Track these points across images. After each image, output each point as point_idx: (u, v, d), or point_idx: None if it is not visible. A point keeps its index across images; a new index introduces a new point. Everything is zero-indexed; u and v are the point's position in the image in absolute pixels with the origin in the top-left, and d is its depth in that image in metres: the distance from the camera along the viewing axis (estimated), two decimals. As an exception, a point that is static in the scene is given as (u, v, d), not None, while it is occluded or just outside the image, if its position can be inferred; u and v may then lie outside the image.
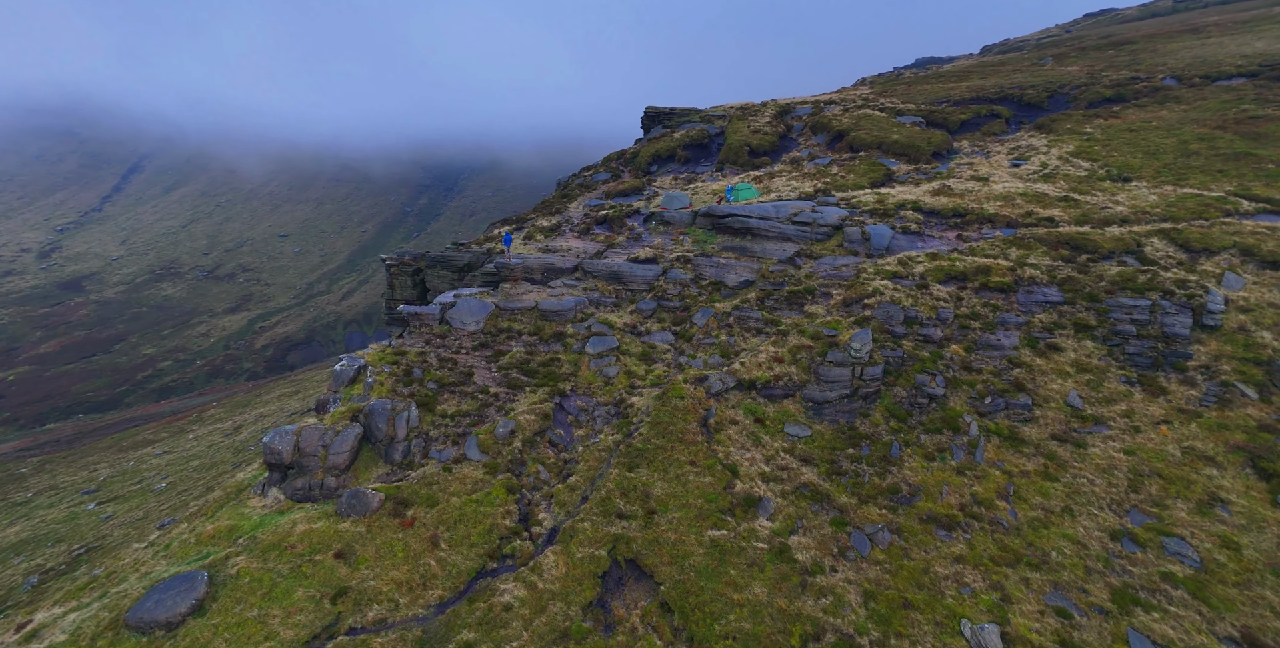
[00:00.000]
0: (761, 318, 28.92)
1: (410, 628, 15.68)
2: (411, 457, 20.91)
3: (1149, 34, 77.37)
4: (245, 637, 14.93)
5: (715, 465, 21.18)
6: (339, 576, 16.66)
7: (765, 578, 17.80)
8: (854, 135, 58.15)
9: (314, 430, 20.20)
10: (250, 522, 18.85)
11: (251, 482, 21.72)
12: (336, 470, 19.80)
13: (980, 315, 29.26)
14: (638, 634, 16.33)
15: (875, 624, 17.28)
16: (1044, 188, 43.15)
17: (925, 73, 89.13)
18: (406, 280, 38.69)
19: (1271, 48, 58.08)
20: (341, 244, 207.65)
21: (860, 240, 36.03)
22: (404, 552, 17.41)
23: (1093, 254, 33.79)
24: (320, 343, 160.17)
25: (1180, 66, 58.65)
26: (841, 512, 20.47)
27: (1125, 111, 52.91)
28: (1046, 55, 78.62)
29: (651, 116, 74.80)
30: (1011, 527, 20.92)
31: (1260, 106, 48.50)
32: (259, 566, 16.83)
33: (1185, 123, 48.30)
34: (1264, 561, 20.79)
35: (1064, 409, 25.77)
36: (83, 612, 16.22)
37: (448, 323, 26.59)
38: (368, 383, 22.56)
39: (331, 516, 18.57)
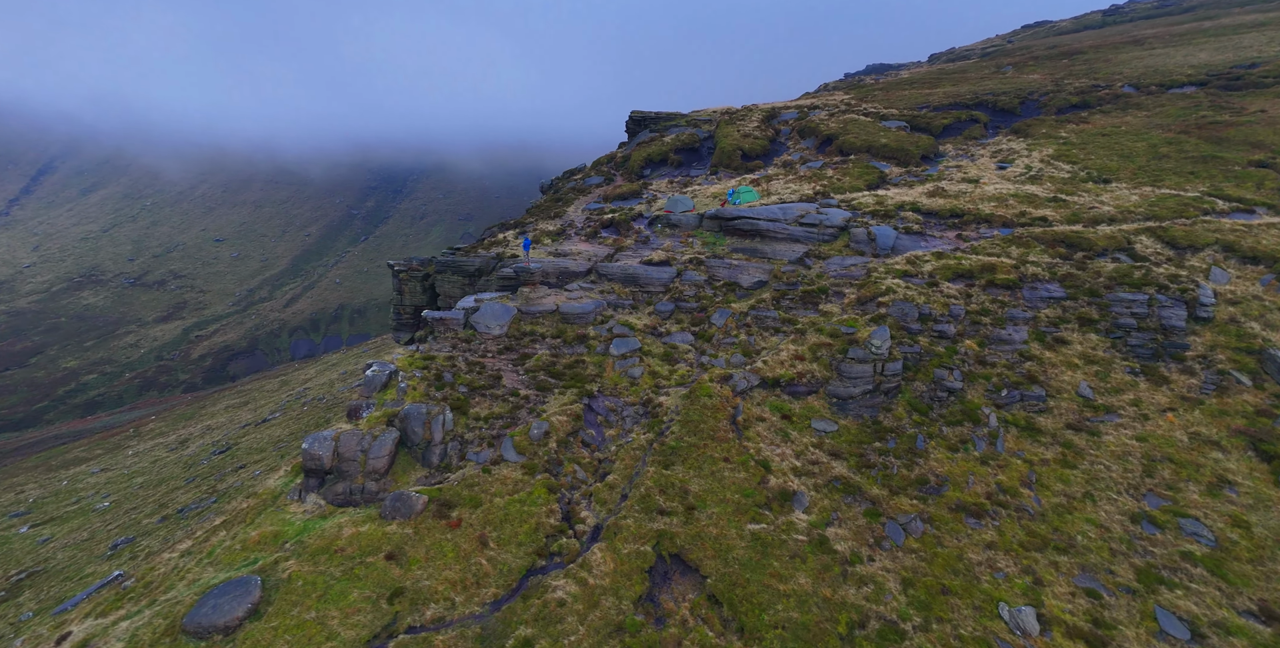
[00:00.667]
0: (779, 317, 29.58)
1: (469, 625, 15.93)
2: (448, 459, 21.14)
3: (1095, 45, 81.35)
4: (306, 638, 15.08)
5: (748, 462, 21.68)
6: (392, 576, 16.85)
7: (808, 569, 18.30)
8: (843, 139, 59.48)
9: (352, 436, 20.37)
10: (294, 527, 18.95)
11: (285, 488, 21.78)
12: (376, 475, 19.98)
13: (990, 311, 30.20)
14: (689, 626, 16.72)
15: (916, 610, 17.84)
16: (1033, 189, 44.71)
17: (898, 79, 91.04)
18: (416, 286, 38.84)
19: (1214, 59, 61.79)
20: (283, 249, 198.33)
21: (866, 241, 36.93)
22: (454, 552, 17.65)
23: (1088, 252, 35.06)
24: (264, 352, 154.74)
25: (1135, 75, 61.98)
26: (874, 503, 21.07)
27: (1093, 117, 55.40)
28: (1006, 64, 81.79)
29: (637, 121, 75.53)
30: (1037, 513, 21.66)
31: (1217, 112, 51.39)
32: (310, 569, 16.97)
33: (1151, 128, 50.86)
34: (1273, 538, 21.74)
35: (1076, 399, 26.68)
36: (134, 620, 16.24)
37: (472, 327, 26.87)
38: (400, 388, 22.76)
39: (376, 519, 18.74)
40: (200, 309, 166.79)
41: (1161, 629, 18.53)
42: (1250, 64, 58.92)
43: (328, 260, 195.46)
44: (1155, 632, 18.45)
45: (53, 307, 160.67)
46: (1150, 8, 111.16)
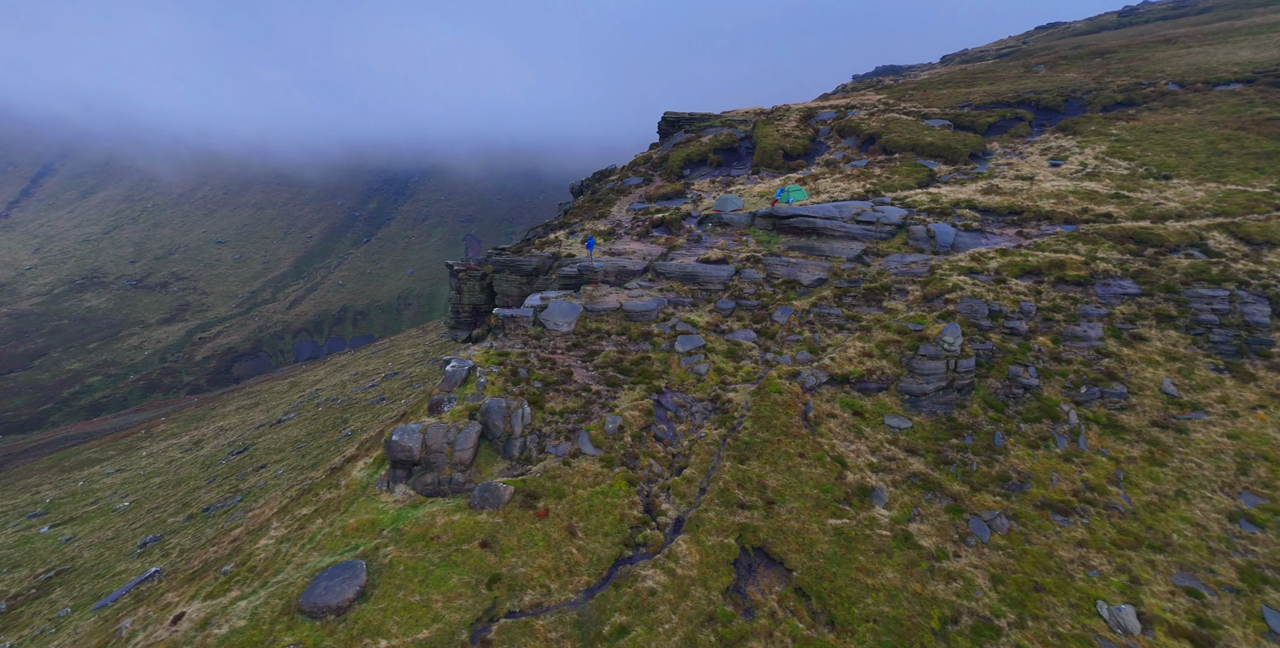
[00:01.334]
0: (842, 314, 29.46)
1: (565, 611, 16.36)
2: (528, 452, 21.71)
3: (1124, 44, 79.21)
4: (414, 619, 15.73)
5: (824, 457, 21.68)
6: (489, 563, 17.42)
7: (894, 564, 18.22)
8: (887, 138, 58.86)
9: (438, 428, 21.12)
10: (388, 516, 19.74)
11: (371, 479, 22.66)
12: (462, 466, 20.66)
13: (1062, 308, 29.52)
14: (778, 618, 16.83)
15: (1009, 607, 17.58)
16: (1092, 186, 43.68)
17: (923, 79, 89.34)
18: (474, 285, 39.94)
19: (1258, 56, 60.25)
20: (286, 251, 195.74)
21: (925, 238, 36.48)
22: (544, 541, 18.14)
23: (1159, 248, 34.03)
24: (267, 354, 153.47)
25: (1178, 73, 60.63)
26: (955, 499, 20.82)
27: (1141, 114, 54.26)
28: (1037, 63, 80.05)
29: (671, 122, 75.81)
30: (1127, 511, 21.08)
31: (1273, 109, 49.62)
32: (410, 555, 17.67)
33: (1205, 125, 49.65)
34: None
35: (1160, 397, 25.87)
36: (251, 600, 17.16)
37: (541, 324, 27.53)
38: (480, 383, 23.49)
39: (465, 508, 19.38)
40: (203, 311, 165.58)
41: (1270, 629, 17.85)
42: None
43: (330, 262, 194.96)
44: (1264, 632, 17.79)
45: (55, 309, 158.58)
46: (1166, 8, 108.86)
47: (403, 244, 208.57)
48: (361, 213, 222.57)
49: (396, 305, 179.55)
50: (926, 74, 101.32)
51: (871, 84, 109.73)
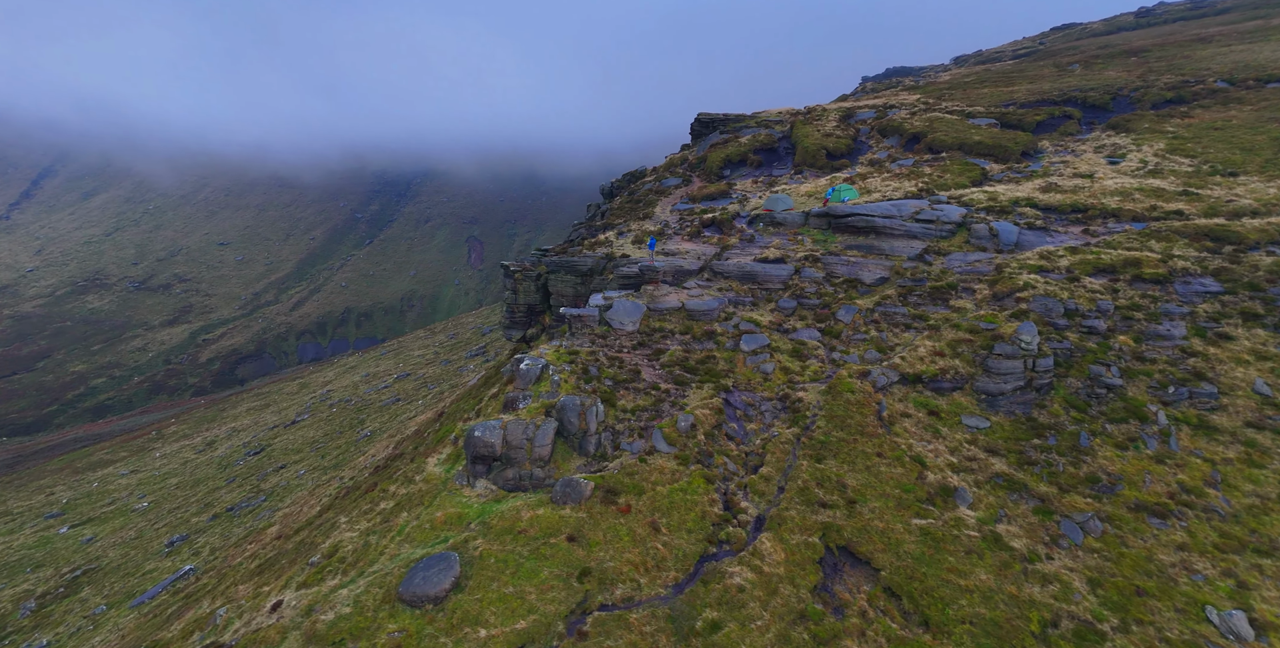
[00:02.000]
0: (908, 313, 28.97)
1: (657, 606, 16.45)
2: (603, 449, 21.93)
3: (1158, 43, 76.89)
4: (510, 610, 16.02)
5: (902, 457, 21.33)
6: (577, 557, 17.64)
7: (986, 565, 17.79)
8: (932, 137, 57.70)
9: (517, 425, 21.51)
10: (473, 509, 20.17)
11: (448, 474, 23.18)
12: (541, 462, 20.98)
13: (1141, 306, 28.45)
14: (869, 617, 16.59)
15: (1111, 611, 16.97)
16: (1157, 183, 42.22)
17: (948, 81, 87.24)
18: (530, 285, 40.55)
19: None
20: (288, 252, 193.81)
21: (988, 237, 35.64)
22: (629, 536, 18.28)
23: (1238, 245, 32.62)
24: (271, 355, 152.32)
25: (1225, 70, 59.06)
26: (1043, 501, 20.22)
27: (1195, 112, 52.66)
28: (1070, 62, 78.24)
29: (705, 123, 75.46)
30: (1228, 514, 20.15)
31: None
32: (499, 548, 18.01)
33: (1264, 121, 48.13)
34: None
35: (1253, 397, 24.69)
36: (351, 588, 17.73)
37: (607, 323, 27.81)
38: (554, 381, 23.84)
39: (548, 503, 19.67)
40: (207, 313, 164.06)
41: (1396, 644, 16.82)
42: None
43: (333, 264, 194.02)
44: (1388, 645, 16.77)
45: (58, 311, 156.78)
46: (1184, 8, 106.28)
47: (405, 246, 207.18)
48: (364, 215, 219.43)
49: (400, 307, 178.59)
50: (948, 75, 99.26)
51: (891, 84, 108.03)
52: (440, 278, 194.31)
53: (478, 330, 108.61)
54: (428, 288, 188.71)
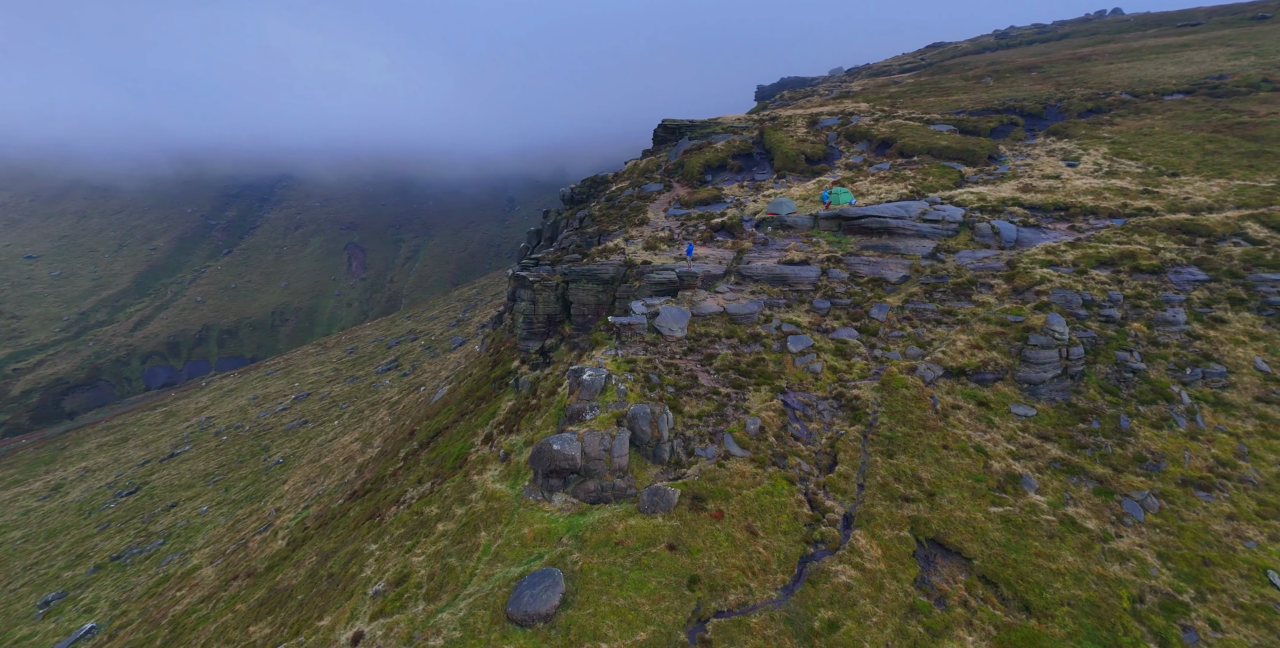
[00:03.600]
0: (937, 309, 29.79)
1: (771, 609, 16.41)
2: (676, 456, 21.76)
3: (1044, 61, 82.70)
4: (626, 622, 15.72)
5: (965, 447, 21.91)
6: (681, 565, 17.44)
7: (1069, 547, 18.43)
8: (902, 142, 59.24)
9: (593, 436, 21.13)
10: (560, 524, 19.69)
11: (514, 490, 22.59)
12: (620, 472, 20.67)
13: (1145, 295, 30.02)
14: (971, 606, 16.97)
15: (1186, 582, 17.82)
16: (1119, 183, 44.67)
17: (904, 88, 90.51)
18: (549, 295, 39.90)
19: (1184, 71, 65.46)
20: (122, 265, 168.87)
21: (990, 234, 36.96)
22: (728, 541, 18.19)
23: (1209, 237, 34.78)
24: (109, 383, 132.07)
25: (1126, 84, 64.21)
26: (1101, 482, 21.09)
27: (1118, 120, 56.22)
28: (984, 75, 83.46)
29: (670, 129, 75.53)
30: (1260, 483, 21.44)
31: (1235, 115, 52.20)
32: (600, 561, 17.65)
33: (1180, 129, 51.65)
34: None
35: (1256, 374, 26.34)
36: (452, 611, 17.06)
37: (656, 331, 27.62)
38: (620, 390, 23.52)
39: (636, 513, 19.39)
40: (16, 338, 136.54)
41: None
42: (1220, 76, 61.72)
43: (183, 277, 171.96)
44: None
45: None
46: (1032, 34, 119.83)
47: (273, 255, 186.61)
48: (219, 222, 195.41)
49: (271, 322, 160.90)
50: (858, 84, 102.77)
51: (807, 93, 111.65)
52: (317, 289, 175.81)
53: (381, 343, 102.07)
54: (303, 300, 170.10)
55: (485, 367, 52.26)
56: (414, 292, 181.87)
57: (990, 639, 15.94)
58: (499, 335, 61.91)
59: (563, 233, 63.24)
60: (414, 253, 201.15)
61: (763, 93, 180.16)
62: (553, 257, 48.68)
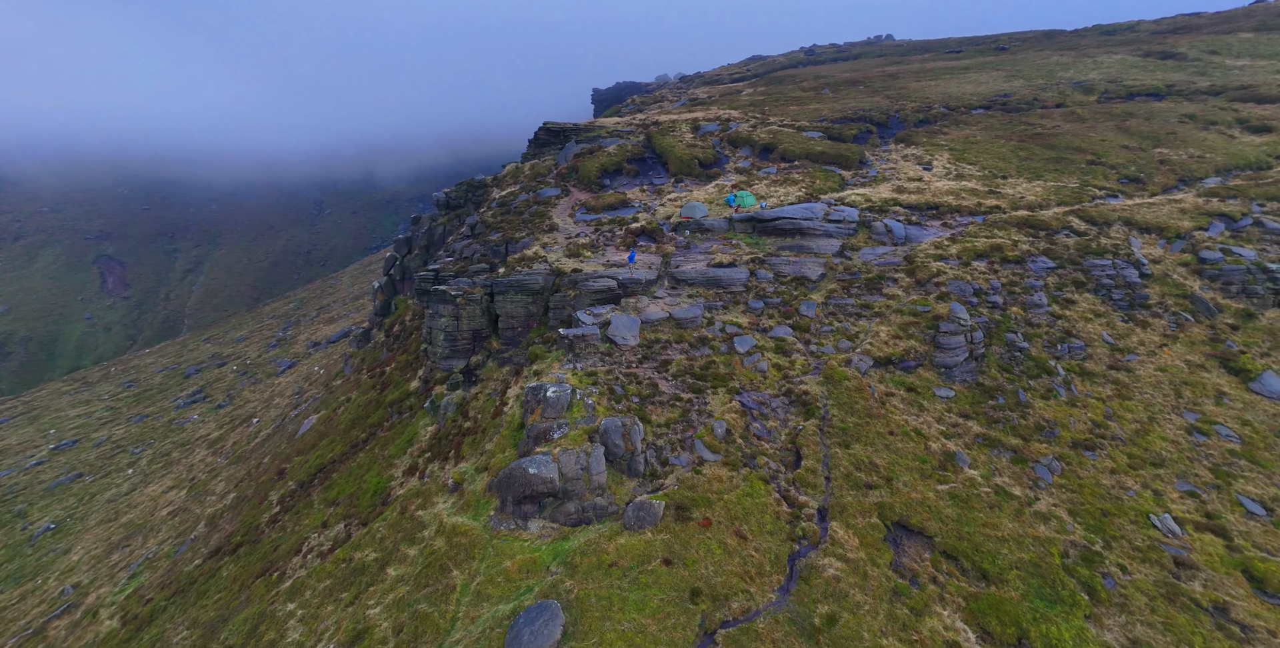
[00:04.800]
0: (856, 304, 31.37)
1: (774, 612, 16.18)
2: (651, 467, 20.94)
3: (865, 76, 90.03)
4: (635, 646, 14.76)
5: (907, 432, 23.18)
6: (680, 579, 16.70)
7: (1006, 515, 20.06)
8: (783, 148, 60.86)
9: (569, 455, 19.68)
10: (543, 552, 18.13)
11: (477, 521, 20.63)
12: (600, 490, 19.47)
13: (1015, 282, 33.64)
14: (940, 581, 17.91)
15: (1095, 534, 20.09)
16: (970, 184, 49.67)
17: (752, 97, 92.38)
18: (474, 310, 37.01)
19: (977, 89, 73.47)
20: None
21: (885, 233, 39.65)
22: (720, 549, 17.72)
23: (1048, 230, 39.74)
24: None
25: (940, 99, 70.59)
26: (1015, 451, 23.26)
27: (945, 129, 61.72)
28: (823, 86, 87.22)
29: (554, 132, 72.55)
30: (1126, 439, 24.80)
31: (1031, 127, 59.45)
32: (596, 586, 16.46)
33: (995, 138, 57.39)
34: (1269, 429, 26.18)
35: (1105, 346, 30.49)
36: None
37: (610, 340, 26.43)
38: (587, 405, 22.11)
39: (622, 531, 18.35)
40: None
41: (1249, 512, 22.00)
42: (1005, 94, 69.07)
43: None
44: (1245, 514, 21.88)
45: None
46: (832, 53, 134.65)
47: None
48: None
49: None
50: (702, 91, 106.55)
51: (657, 98, 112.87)
52: (57, 312, 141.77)
53: (174, 373, 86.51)
54: (37, 327, 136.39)
55: (367, 390, 47.58)
56: (200, 310, 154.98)
57: (962, 611, 16.92)
58: (373, 354, 57.25)
59: (459, 242, 57.79)
60: (195, 265, 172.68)
61: (600, 96, 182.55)
62: (457, 267, 44.95)
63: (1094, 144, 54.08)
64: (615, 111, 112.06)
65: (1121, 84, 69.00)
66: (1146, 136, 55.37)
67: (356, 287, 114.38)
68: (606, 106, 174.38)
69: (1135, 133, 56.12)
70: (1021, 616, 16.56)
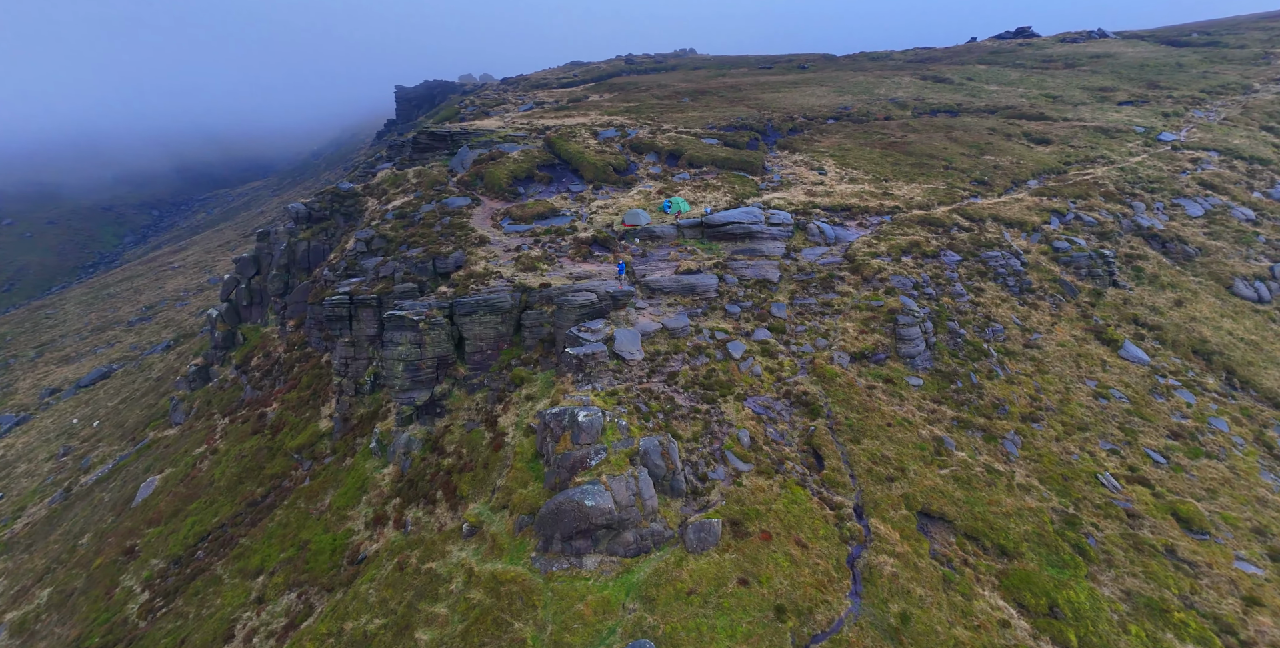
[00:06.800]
0: (817, 302, 31.84)
1: (854, 619, 15.60)
2: (691, 484, 19.53)
3: (707, 88, 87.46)
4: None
5: (900, 421, 23.76)
6: (761, 597, 15.58)
7: (1000, 491, 21.17)
8: (690, 154, 57.81)
9: (619, 482, 17.65)
10: (613, 589, 16.10)
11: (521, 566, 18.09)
12: (653, 515, 17.74)
13: (938, 274, 36.05)
14: (970, 562, 18.45)
15: (1063, 498, 21.85)
16: (865, 187, 51.43)
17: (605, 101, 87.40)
18: (440, 334, 32.39)
19: (820, 102, 73.24)
20: None
21: (818, 234, 40.77)
22: (788, 561, 16.82)
23: (943, 227, 43.03)
24: None
25: (794, 110, 69.10)
26: (984, 431, 24.74)
27: (815, 137, 62.25)
28: (683, 96, 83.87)
29: (438, 137, 64.03)
30: (1056, 409, 27.42)
31: (885, 135, 61.93)
32: (681, 617, 14.88)
33: (862, 146, 59.07)
34: (1143, 388, 30.34)
35: (1015, 327, 33.60)
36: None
37: (618, 356, 24.32)
38: (621, 426, 20.02)
39: (687, 556, 16.85)
40: None
41: (1154, 461, 25.23)
42: (845, 107, 71.24)
43: None
44: (1153, 464, 25.07)
45: None
46: (650, 63, 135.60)
47: None
48: None
49: None
50: (544, 94, 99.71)
51: (497, 102, 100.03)
52: None
53: None
54: None
55: (243, 437, 40.04)
56: None
57: (999, 589, 17.53)
58: (227, 395, 48.18)
59: (368, 258, 47.11)
60: None
61: (407, 94, 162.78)
62: (378, 288, 38.88)
63: (940, 152, 56.71)
64: (453, 112, 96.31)
65: (925, 102, 73.16)
66: (972, 146, 58.97)
67: (97, 315, 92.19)
68: (416, 106, 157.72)
69: (962, 143, 59.78)
70: (1047, 586, 17.47)
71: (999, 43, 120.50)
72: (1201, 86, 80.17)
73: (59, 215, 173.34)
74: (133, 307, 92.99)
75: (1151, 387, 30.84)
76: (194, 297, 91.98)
